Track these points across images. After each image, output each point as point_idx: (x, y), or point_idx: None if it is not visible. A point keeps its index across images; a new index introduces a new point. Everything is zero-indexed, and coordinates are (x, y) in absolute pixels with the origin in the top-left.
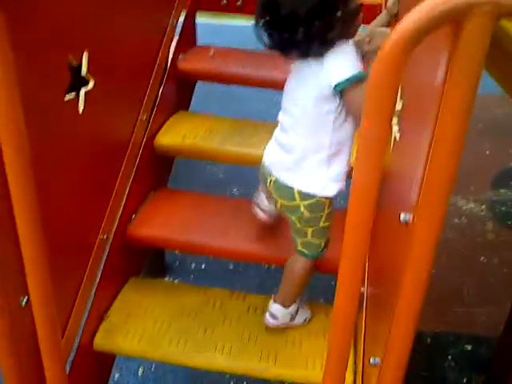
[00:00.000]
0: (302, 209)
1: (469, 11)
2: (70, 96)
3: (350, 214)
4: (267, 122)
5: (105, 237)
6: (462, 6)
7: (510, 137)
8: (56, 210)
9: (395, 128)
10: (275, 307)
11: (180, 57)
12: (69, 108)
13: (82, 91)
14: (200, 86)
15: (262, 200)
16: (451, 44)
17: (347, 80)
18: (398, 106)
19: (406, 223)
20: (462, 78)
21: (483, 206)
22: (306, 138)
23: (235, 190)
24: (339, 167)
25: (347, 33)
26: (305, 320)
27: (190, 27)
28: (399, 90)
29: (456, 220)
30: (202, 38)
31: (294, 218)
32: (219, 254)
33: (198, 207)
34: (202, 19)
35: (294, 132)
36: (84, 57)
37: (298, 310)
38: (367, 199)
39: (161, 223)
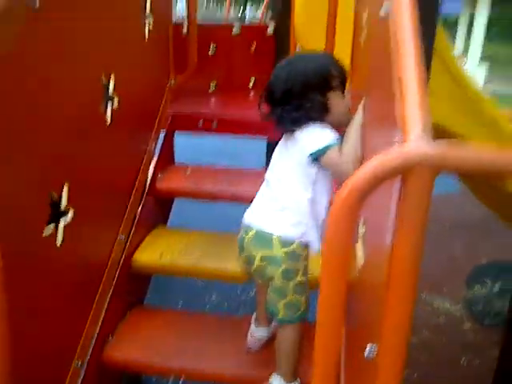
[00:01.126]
0: (282, 256)
1: (411, 168)
2: (48, 230)
3: (318, 342)
4: None
5: (79, 363)
6: (405, 163)
7: (478, 234)
8: (28, 340)
9: (360, 253)
10: (276, 379)
11: (159, 176)
12: (47, 242)
13: (61, 224)
14: None
15: (253, 329)
16: (400, 191)
17: (318, 150)
18: (362, 230)
19: (371, 357)
20: (408, 225)
21: (459, 305)
22: (288, 192)
23: (213, 297)
24: (316, 218)
25: (316, 117)
26: None
27: (168, 147)
28: (361, 216)
29: (434, 320)
30: None
31: (274, 271)
32: (198, 378)
33: (176, 327)
34: None
35: (279, 187)
36: (64, 190)
37: None
38: (332, 329)
39: (137, 346)
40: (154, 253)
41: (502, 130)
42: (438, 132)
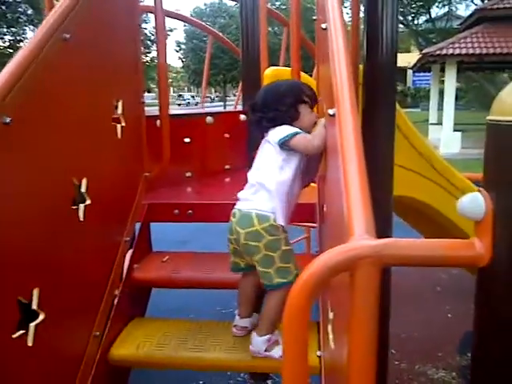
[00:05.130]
0: (263, 232)
1: (356, 262)
2: (19, 332)
3: None
4: (222, 321)
5: None
6: (351, 258)
7: (469, 297)
8: None
9: (331, 336)
10: (254, 336)
11: (135, 266)
12: (18, 344)
13: (32, 325)
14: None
15: (237, 320)
16: (350, 285)
17: (286, 136)
18: (330, 316)
19: None
20: (359, 316)
21: (454, 374)
22: (262, 176)
23: (201, 382)
24: (283, 197)
25: (287, 120)
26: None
27: (144, 237)
28: (329, 303)
29: None
30: None
31: (259, 244)
32: None
33: None
34: None
35: (255, 175)
36: (34, 294)
37: (277, 342)
38: None
39: None
40: (131, 346)
41: None
42: (409, 204)
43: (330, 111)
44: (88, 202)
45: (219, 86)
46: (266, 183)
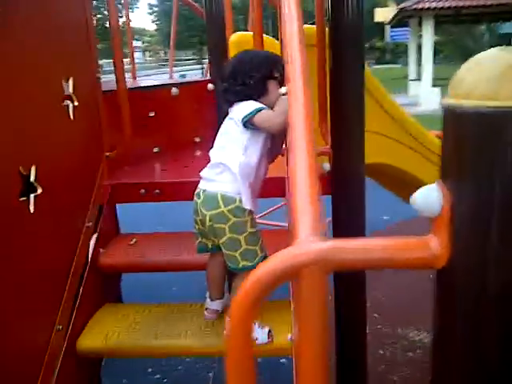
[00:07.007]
0: (228, 214)
1: (302, 269)
2: None
3: None
4: (194, 303)
5: None
6: (296, 265)
7: None
8: None
9: None
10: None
11: (101, 251)
12: None
13: None
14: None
15: (208, 303)
16: (296, 291)
17: (250, 113)
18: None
19: None
20: (308, 327)
21: None
22: (225, 157)
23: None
24: (248, 179)
25: (253, 94)
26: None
27: (110, 220)
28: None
29: (411, 354)
30: None
31: (225, 226)
32: None
33: None
34: None
35: (219, 155)
36: None
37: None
38: None
39: None
40: (99, 335)
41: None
42: (385, 171)
43: (283, 89)
44: (39, 191)
45: (195, 48)
46: (230, 165)
